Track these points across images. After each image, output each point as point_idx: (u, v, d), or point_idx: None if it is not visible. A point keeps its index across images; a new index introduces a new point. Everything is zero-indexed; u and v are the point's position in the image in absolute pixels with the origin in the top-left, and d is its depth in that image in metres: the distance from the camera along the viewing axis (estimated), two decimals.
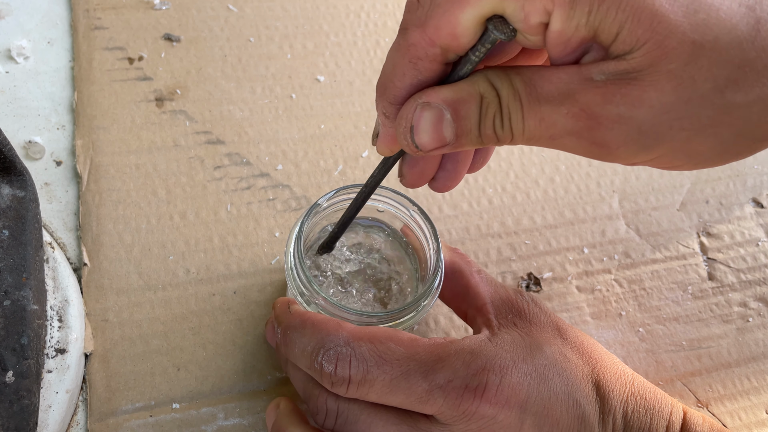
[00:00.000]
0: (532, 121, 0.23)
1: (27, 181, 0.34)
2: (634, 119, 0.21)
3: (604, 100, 0.21)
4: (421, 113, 0.24)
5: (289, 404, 0.32)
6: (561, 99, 0.22)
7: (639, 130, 0.21)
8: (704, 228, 0.46)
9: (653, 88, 0.21)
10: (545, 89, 0.22)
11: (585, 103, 0.22)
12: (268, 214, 0.41)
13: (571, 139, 0.23)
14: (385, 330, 0.29)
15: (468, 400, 0.27)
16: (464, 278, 0.33)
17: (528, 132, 0.23)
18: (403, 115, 0.25)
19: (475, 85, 0.24)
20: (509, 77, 0.23)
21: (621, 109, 0.21)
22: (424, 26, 0.23)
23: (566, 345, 0.31)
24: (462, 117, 0.24)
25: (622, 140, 0.22)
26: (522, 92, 0.23)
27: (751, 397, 0.40)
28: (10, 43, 0.43)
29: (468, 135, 0.24)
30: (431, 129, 0.24)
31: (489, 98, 0.23)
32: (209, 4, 0.48)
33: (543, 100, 0.22)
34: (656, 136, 0.22)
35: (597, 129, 0.22)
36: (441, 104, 0.24)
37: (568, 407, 0.29)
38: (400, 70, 0.24)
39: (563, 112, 0.22)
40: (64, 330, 0.34)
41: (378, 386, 0.27)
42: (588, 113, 0.22)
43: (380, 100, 0.26)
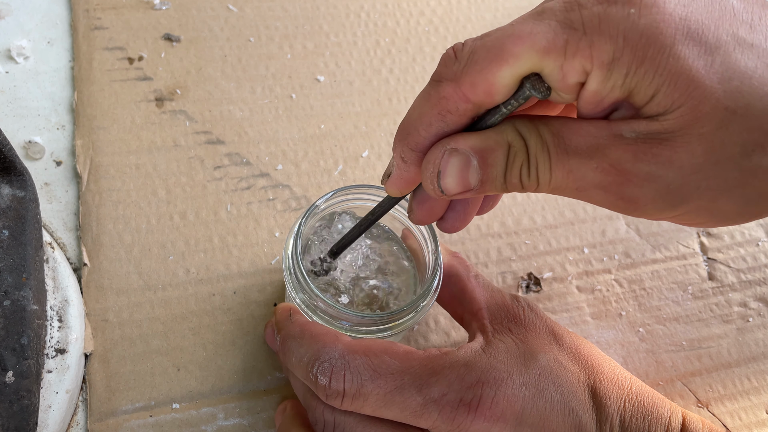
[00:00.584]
0: (559, 172, 0.23)
1: (27, 181, 0.34)
2: (664, 178, 0.22)
3: (635, 157, 0.22)
4: (448, 159, 0.24)
5: (295, 408, 0.32)
6: (590, 153, 0.22)
7: (667, 189, 0.22)
8: (704, 228, 0.46)
9: (684, 150, 0.21)
10: (574, 142, 0.23)
11: (615, 159, 0.22)
12: (268, 214, 0.41)
13: (598, 192, 0.23)
14: (380, 343, 0.29)
15: (462, 414, 0.27)
16: (461, 282, 0.33)
17: (555, 183, 0.23)
18: (431, 160, 0.25)
19: (503, 134, 0.24)
20: (537, 128, 0.24)
21: (651, 168, 0.22)
22: (459, 82, 0.23)
23: (562, 351, 0.31)
24: (489, 165, 0.24)
25: (651, 198, 0.22)
26: (550, 143, 0.23)
27: (751, 397, 0.40)
28: (10, 43, 0.43)
29: (493, 182, 0.24)
30: (457, 175, 0.24)
31: (517, 147, 0.24)
32: (209, 4, 0.48)
33: (572, 153, 0.23)
34: (684, 195, 0.22)
35: (626, 185, 0.22)
36: (469, 151, 0.24)
37: (564, 417, 0.29)
38: (426, 120, 0.25)
39: (593, 165, 0.22)
40: (64, 330, 0.34)
41: (372, 400, 0.27)
42: (618, 169, 0.22)
43: (400, 145, 0.26)
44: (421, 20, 0.51)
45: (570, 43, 0.21)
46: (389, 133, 0.45)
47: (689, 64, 0.21)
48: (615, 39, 0.21)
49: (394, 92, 0.47)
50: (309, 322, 0.30)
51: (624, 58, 0.21)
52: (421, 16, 0.51)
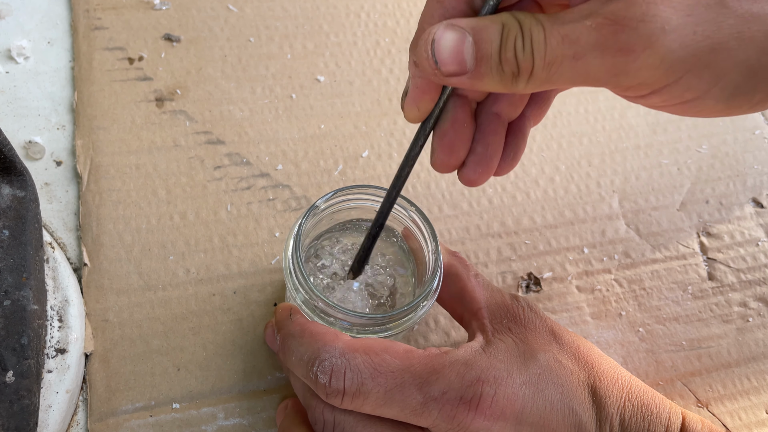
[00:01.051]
0: (554, 39, 0.23)
1: (27, 181, 0.34)
2: (658, 17, 0.21)
3: (628, 4, 0.22)
4: (444, 30, 0.24)
5: (296, 406, 0.32)
6: (584, 16, 0.22)
7: (663, 29, 0.21)
8: (704, 228, 0.46)
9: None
10: (568, 15, 0.23)
11: (609, 11, 0.22)
12: (268, 214, 0.41)
13: (595, 54, 0.22)
14: (380, 342, 0.29)
15: (462, 412, 0.27)
16: (461, 282, 0.33)
17: (550, 53, 0.23)
18: (428, 31, 0.25)
19: (499, 17, 0.24)
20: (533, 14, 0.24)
21: (644, 8, 0.21)
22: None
23: (561, 351, 0.31)
24: (483, 40, 0.24)
25: (647, 40, 0.22)
26: (544, 19, 0.23)
27: (751, 397, 0.40)
28: (10, 43, 0.43)
29: (488, 60, 0.24)
30: (452, 47, 0.24)
31: (511, 24, 0.24)
32: (209, 4, 0.48)
33: (566, 21, 0.23)
34: (681, 39, 0.22)
35: (622, 32, 0.22)
36: (465, 27, 0.24)
37: (564, 416, 0.29)
38: (429, 14, 0.26)
39: (587, 24, 0.22)
40: (64, 330, 0.34)
41: (373, 398, 0.27)
42: (612, 19, 0.22)
43: (411, 49, 0.26)
44: None
45: None
46: (389, 133, 0.45)
47: None
48: None
49: (394, 92, 0.47)
50: (309, 322, 0.30)
51: None
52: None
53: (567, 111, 0.49)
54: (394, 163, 0.44)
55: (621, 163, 0.47)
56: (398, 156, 0.44)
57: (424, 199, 0.43)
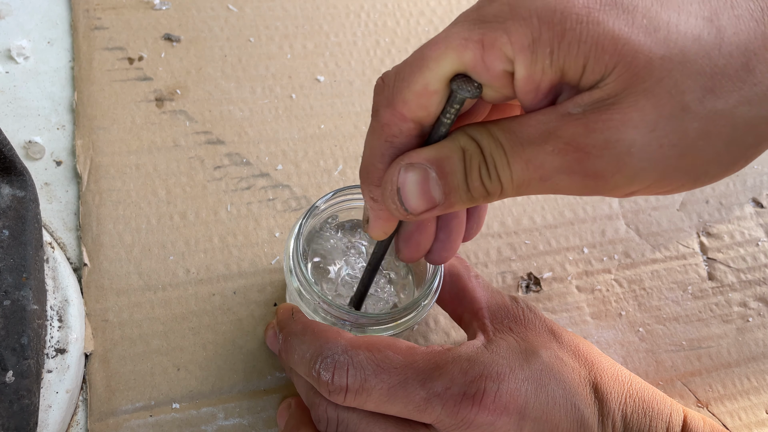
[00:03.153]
0: (518, 165, 0.22)
1: (27, 181, 0.34)
2: (622, 142, 0.21)
3: (586, 129, 0.21)
4: (405, 174, 0.24)
5: (301, 405, 0.32)
6: (543, 138, 0.22)
7: (629, 152, 0.21)
8: (704, 228, 0.46)
9: (633, 109, 0.20)
10: (525, 132, 0.22)
11: (569, 136, 0.21)
12: (268, 214, 0.41)
13: (562, 177, 0.22)
14: (383, 338, 0.29)
15: (466, 407, 0.27)
16: (461, 282, 0.33)
17: (517, 178, 0.23)
18: (388, 179, 0.24)
19: (456, 141, 0.24)
20: (487, 129, 0.23)
21: (606, 135, 0.21)
22: (393, 104, 0.23)
23: (562, 349, 0.31)
24: (447, 173, 0.23)
25: (615, 167, 0.21)
26: (503, 139, 0.23)
27: (751, 397, 0.40)
28: (10, 43, 0.43)
29: (457, 191, 0.24)
30: (418, 190, 0.24)
31: (471, 150, 0.23)
32: (209, 4, 0.48)
33: (525, 143, 0.22)
34: (648, 156, 0.21)
35: (587, 160, 0.21)
36: (425, 163, 0.23)
37: (567, 411, 0.29)
38: (378, 152, 0.25)
39: (548, 150, 0.22)
40: (64, 330, 0.34)
41: (376, 395, 0.27)
42: (573, 146, 0.21)
43: (365, 186, 0.26)
44: (421, 20, 0.51)
45: (486, 35, 0.21)
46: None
47: (610, 26, 0.20)
48: (529, 21, 0.21)
49: None
50: (311, 320, 0.30)
51: (543, 37, 0.21)
52: (421, 16, 0.51)
53: None
54: None
55: None
56: None
57: None
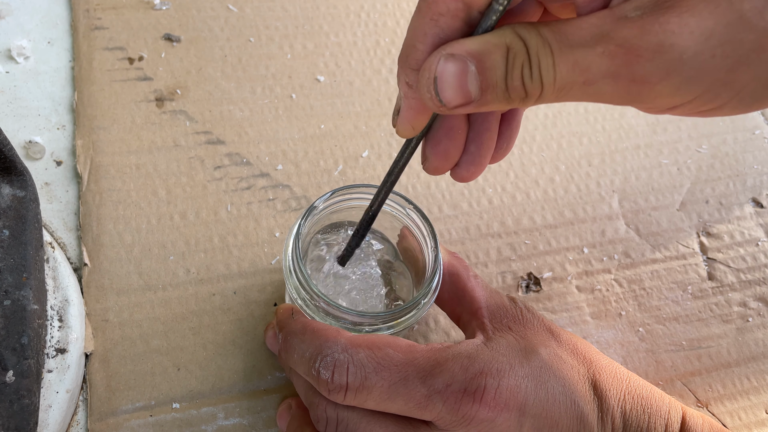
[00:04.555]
0: (564, 66, 0.21)
1: (27, 181, 0.34)
2: (676, 47, 0.20)
3: (641, 32, 0.20)
4: (444, 64, 0.23)
5: (302, 406, 0.32)
6: (595, 40, 0.21)
7: (680, 59, 0.20)
8: (704, 228, 0.46)
9: (690, 13, 0.20)
10: (576, 34, 0.21)
11: (622, 39, 0.21)
12: (268, 214, 0.41)
13: (607, 81, 0.21)
14: (383, 337, 0.29)
15: (467, 404, 0.27)
16: (461, 281, 0.33)
17: (560, 80, 0.22)
18: (427, 67, 0.23)
19: (502, 37, 0.22)
20: (537, 28, 0.22)
21: (661, 38, 0.20)
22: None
23: (561, 347, 0.31)
24: (488, 68, 0.22)
25: (664, 71, 0.21)
26: (551, 39, 0.22)
27: (751, 396, 0.40)
28: (10, 43, 0.43)
29: (494, 89, 0.23)
30: (455, 82, 0.23)
31: (516, 48, 0.22)
32: (209, 4, 0.48)
33: (575, 44, 0.21)
34: (699, 65, 0.20)
35: (636, 63, 0.21)
36: (465, 56, 0.22)
37: (567, 408, 0.29)
38: (421, 31, 0.23)
39: (598, 52, 0.21)
40: (64, 330, 0.34)
41: (376, 393, 0.27)
42: (626, 48, 0.21)
43: (402, 70, 0.25)
44: None
45: None
46: (389, 133, 0.45)
47: None
48: None
49: (394, 92, 0.47)
50: (311, 320, 0.30)
51: None
52: None
53: (567, 111, 0.49)
54: None
55: (621, 163, 0.47)
56: None
57: (423, 199, 0.43)
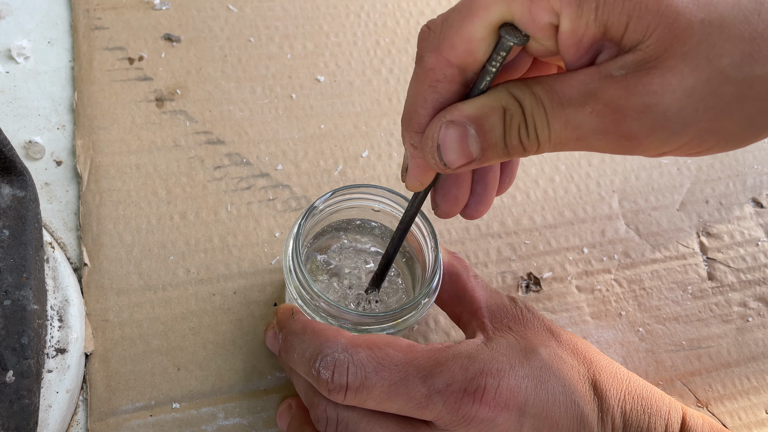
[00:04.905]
0: (557, 125, 0.23)
1: (27, 181, 0.34)
2: (659, 106, 0.21)
3: (627, 92, 0.22)
4: (446, 131, 0.24)
5: (302, 406, 0.32)
6: (584, 99, 0.22)
7: (665, 116, 0.21)
8: (704, 228, 0.46)
9: (672, 74, 0.21)
10: (567, 93, 0.23)
11: (608, 98, 0.22)
12: (268, 214, 0.41)
13: (598, 137, 0.23)
14: (383, 337, 0.29)
15: (467, 404, 0.27)
16: (461, 281, 0.33)
17: (555, 137, 0.23)
18: (429, 135, 0.25)
19: (497, 99, 0.24)
20: (529, 87, 0.24)
21: (645, 99, 0.21)
22: (439, 49, 0.24)
23: (561, 347, 0.31)
24: (486, 131, 0.24)
25: (650, 129, 0.22)
26: (544, 99, 0.23)
27: (751, 396, 0.40)
28: (10, 43, 0.43)
29: (494, 148, 0.24)
30: (457, 146, 0.24)
31: (512, 109, 0.24)
32: (209, 4, 0.48)
33: (566, 104, 0.23)
34: (683, 120, 0.22)
35: (623, 122, 0.22)
36: (465, 121, 0.24)
37: (567, 408, 0.29)
38: (421, 97, 0.25)
39: (587, 111, 0.22)
40: (64, 330, 0.34)
41: (376, 392, 0.27)
42: (612, 108, 0.22)
43: (407, 133, 0.26)
44: (421, 20, 0.51)
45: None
46: (389, 133, 0.45)
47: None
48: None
49: (394, 92, 0.47)
50: (311, 320, 0.30)
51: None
52: (421, 16, 0.51)
53: None
54: (394, 163, 0.44)
55: (621, 163, 0.47)
56: (398, 156, 0.44)
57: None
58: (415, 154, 0.27)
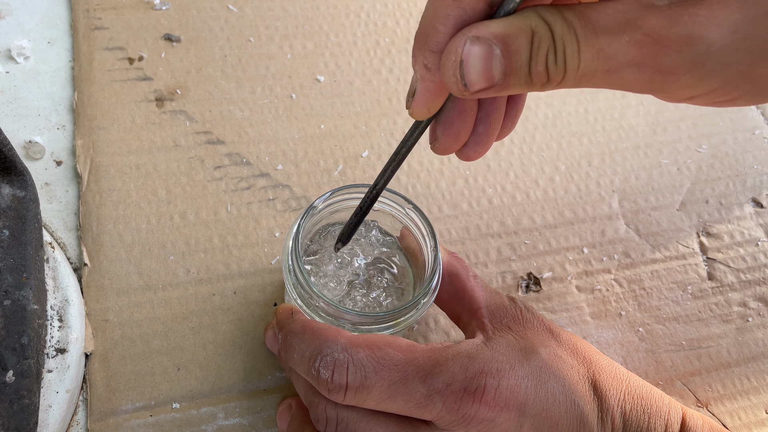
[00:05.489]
0: (589, 53, 0.21)
1: (27, 181, 0.34)
2: (704, 39, 0.20)
3: (670, 22, 0.20)
4: (470, 47, 0.22)
5: (302, 406, 0.32)
6: (622, 28, 0.21)
7: (708, 51, 0.20)
8: (704, 228, 0.46)
9: (720, 6, 0.20)
10: (602, 21, 0.21)
11: (650, 28, 0.21)
12: (268, 214, 0.41)
13: (631, 70, 0.21)
14: (383, 336, 0.29)
15: (467, 403, 0.27)
16: (460, 281, 0.33)
17: (584, 67, 0.22)
18: (452, 50, 0.23)
19: (527, 20, 0.22)
20: (561, 12, 0.22)
21: (690, 29, 0.20)
22: None
23: (561, 347, 0.31)
24: (513, 53, 0.22)
25: (690, 64, 0.21)
26: (577, 25, 0.21)
27: (751, 396, 0.40)
28: (10, 43, 0.43)
29: (518, 73, 0.22)
30: (481, 65, 0.22)
31: (541, 32, 0.22)
32: (209, 4, 0.48)
33: (601, 31, 0.21)
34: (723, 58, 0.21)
35: (663, 53, 0.21)
36: (491, 39, 0.22)
37: (567, 408, 0.29)
38: (443, 13, 0.23)
39: (624, 40, 0.21)
40: (64, 330, 0.34)
41: (376, 392, 0.27)
42: (654, 38, 0.21)
43: (421, 51, 0.24)
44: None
45: None
46: (389, 133, 0.45)
47: None
48: None
49: (394, 92, 0.47)
50: (311, 320, 0.30)
51: None
52: (421, 16, 0.51)
53: (567, 111, 0.49)
54: None
55: (621, 163, 0.47)
56: None
57: (423, 199, 0.43)
58: (427, 77, 0.25)
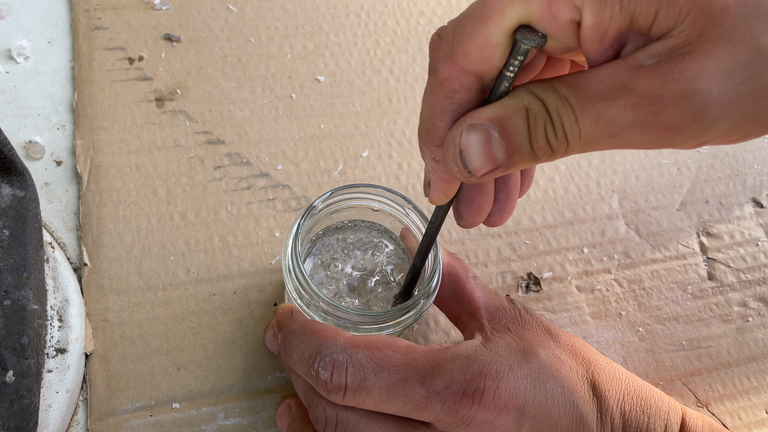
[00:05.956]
0: (587, 122, 0.21)
1: (27, 181, 0.34)
2: (700, 91, 0.20)
3: (662, 81, 0.20)
4: (468, 135, 0.23)
5: (301, 406, 0.32)
6: (615, 92, 0.21)
7: (706, 101, 0.20)
8: (704, 228, 0.46)
9: (709, 57, 0.20)
10: (594, 88, 0.21)
11: (642, 89, 0.20)
12: (268, 214, 0.41)
13: (634, 131, 0.21)
14: (382, 337, 0.29)
15: (466, 405, 0.27)
16: (460, 282, 0.33)
17: (585, 135, 0.22)
18: (450, 142, 0.24)
19: (519, 99, 0.23)
20: (552, 85, 0.22)
21: (683, 85, 0.20)
22: (453, 57, 0.23)
23: (559, 348, 0.31)
24: (510, 133, 0.23)
25: (691, 117, 0.20)
26: (569, 96, 0.22)
27: (751, 396, 0.40)
28: (10, 43, 0.43)
29: (520, 151, 0.23)
30: (481, 151, 0.23)
31: (535, 109, 0.22)
32: (209, 4, 0.48)
33: (595, 99, 0.21)
34: (725, 104, 0.20)
35: (662, 112, 0.20)
36: (487, 124, 0.23)
37: (566, 409, 0.29)
38: (438, 109, 0.24)
39: (621, 104, 0.21)
40: (64, 330, 0.34)
41: (375, 393, 0.27)
42: (648, 98, 0.20)
43: (426, 147, 0.25)
44: (421, 20, 0.51)
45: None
46: (389, 133, 0.45)
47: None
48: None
49: (394, 92, 0.47)
50: (310, 320, 0.30)
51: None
52: (421, 16, 0.51)
53: None
54: (394, 163, 0.44)
55: (621, 163, 0.47)
56: (398, 156, 0.44)
57: (423, 199, 0.43)
58: (437, 168, 0.26)
